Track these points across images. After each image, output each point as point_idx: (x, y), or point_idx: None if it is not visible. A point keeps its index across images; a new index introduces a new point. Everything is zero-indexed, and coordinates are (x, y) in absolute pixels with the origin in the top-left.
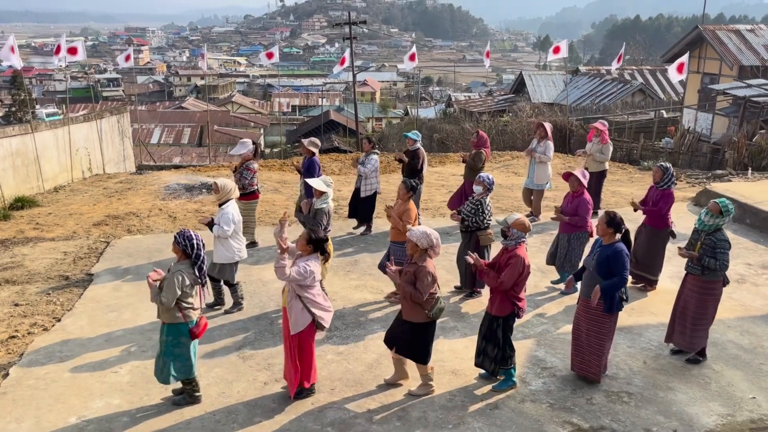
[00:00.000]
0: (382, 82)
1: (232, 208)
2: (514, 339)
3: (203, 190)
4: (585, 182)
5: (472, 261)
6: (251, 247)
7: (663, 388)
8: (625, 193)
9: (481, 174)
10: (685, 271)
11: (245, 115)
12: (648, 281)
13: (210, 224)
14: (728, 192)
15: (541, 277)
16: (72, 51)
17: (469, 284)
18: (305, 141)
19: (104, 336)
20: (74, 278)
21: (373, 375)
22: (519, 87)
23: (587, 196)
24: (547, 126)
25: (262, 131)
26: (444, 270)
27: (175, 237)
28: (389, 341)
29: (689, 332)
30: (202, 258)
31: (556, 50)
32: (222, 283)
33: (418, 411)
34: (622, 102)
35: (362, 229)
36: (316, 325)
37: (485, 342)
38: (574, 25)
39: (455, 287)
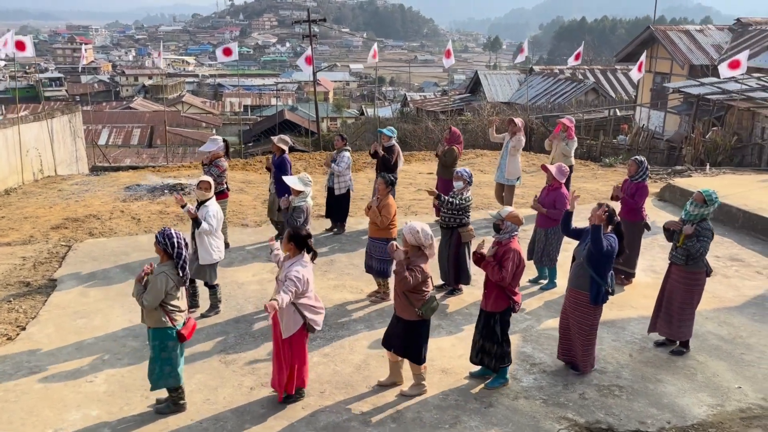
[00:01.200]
0: (335, 81)
1: (216, 206)
2: None
3: (165, 191)
4: (562, 177)
5: (484, 251)
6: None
7: (652, 381)
8: (590, 189)
9: (458, 169)
10: (669, 261)
11: (196, 115)
12: (626, 274)
13: (195, 220)
14: (691, 187)
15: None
16: (20, 46)
17: (452, 281)
18: (275, 138)
19: (74, 344)
20: (36, 284)
21: (363, 376)
22: (474, 86)
23: (564, 190)
24: (518, 121)
25: (214, 131)
26: None
27: (156, 236)
28: (386, 342)
29: (676, 322)
30: (183, 257)
31: (522, 51)
32: (199, 284)
33: (413, 412)
34: (576, 101)
35: (335, 229)
36: (307, 327)
37: (483, 339)
38: (522, 26)
39: (435, 286)
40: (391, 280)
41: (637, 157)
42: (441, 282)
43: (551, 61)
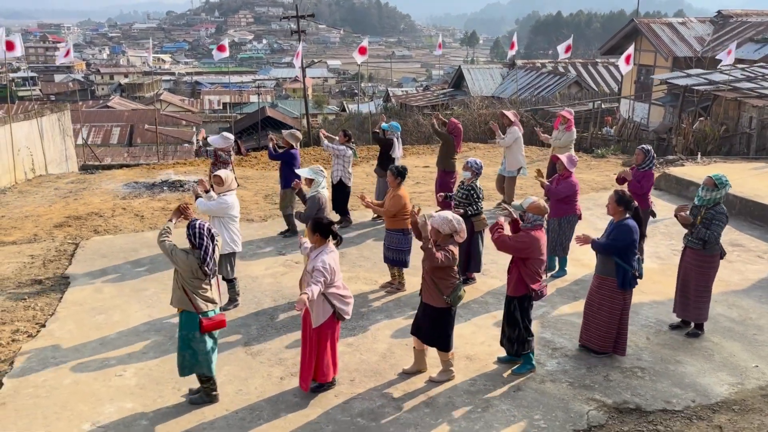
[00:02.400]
0: (314, 78)
1: (233, 199)
2: None
3: (164, 188)
4: (572, 167)
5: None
6: None
7: (672, 362)
8: (586, 179)
9: (468, 159)
10: (684, 245)
11: (175, 113)
12: None
13: (197, 196)
14: (686, 176)
15: None
16: (10, 46)
17: (462, 270)
18: (285, 132)
19: (97, 340)
20: (48, 282)
21: (389, 364)
22: (458, 81)
23: (574, 179)
24: (509, 113)
25: (194, 129)
26: None
27: (186, 230)
28: (414, 329)
29: (693, 304)
30: (205, 248)
31: (512, 46)
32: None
33: (444, 397)
34: (560, 94)
35: (342, 222)
36: (337, 316)
37: (505, 323)
38: (498, 21)
39: None
40: (409, 271)
41: (644, 146)
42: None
43: (528, 55)
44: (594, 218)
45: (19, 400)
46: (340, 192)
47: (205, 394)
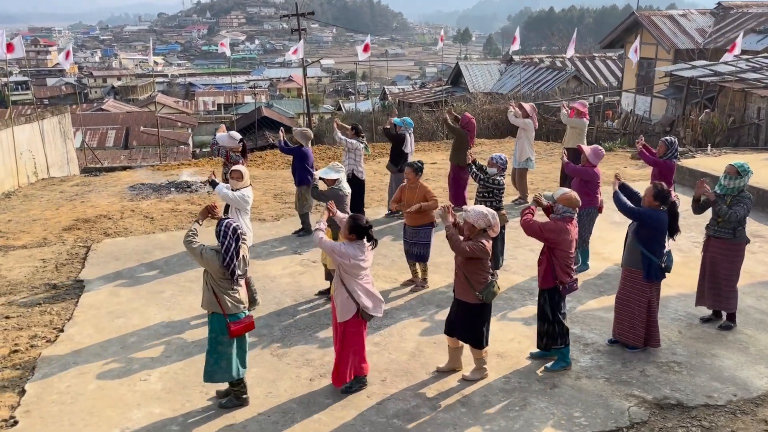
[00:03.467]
0: (308, 78)
1: (250, 193)
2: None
3: (172, 189)
4: (596, 160)
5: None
6: None
7: (707, 356)
8: None
9: (493, 155)
10: (708, 236)
11: (171, 115)
12: None
13: (212, 183)
14: (699, 167)
15: None
16: (10, 48)
17: None
18: (296, 131)
19: (118, 344)
20: (63, 286)
21: (420, 363)
22: (456, 78)
23: (598, 170)
24: (527, 106)
25: (190, 131)
26: (451, 256)
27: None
28: (448, 328)
29: (725, 294)
30: (226, 247)
31: (514, 41)
32: None
33: (479, 396)
34: (559, 89)
35: None
36: (362, 315)
37: (538, 320)
38: (491, 18)
39: None
40: (430, 268)
41: (667, 138)
42: None
43: (521, 51)
44: (608, 211)
45: (43, 407)
46: (354, 186)
47: (235, 397)
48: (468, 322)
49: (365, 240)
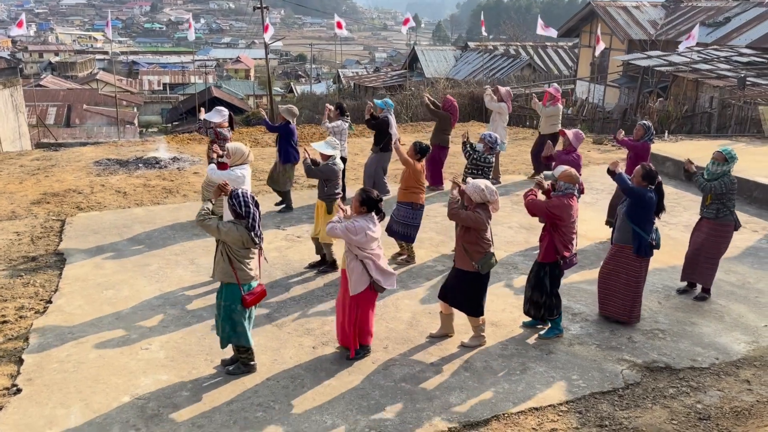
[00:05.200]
0: (256, 59)
1: (245, 172)
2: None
3: (140, 165)
4: (577, 143)
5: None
6: None
7: (687, 324)
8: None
9: (483, 133)
10: (700, 216)
11: (115, 93)
12: None
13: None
14: (660, 152)
15: (531, 232)
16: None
17: None
18: (282, 108)
19: (112, 315)
20: (42, 259)
21: (418, 332)
22: (412, 62)
23: (578, 153)
24: (502, 90)
25: (136, 110)
26: (434, 232)
27: (228, 201)
28: (442, 294)
29: (702, 269)
30: (253, 215)
31: (482, 24)
32: None
33: (480, 361)
34: (514, 76)
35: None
36: (375, 287)
37: (532, 290)
38: (439, 5)
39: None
40: (417, 244)
41: (644, 122)
42: None
43: (470, 39)
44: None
45: (46, 375)
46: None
47: (243, 364)
48: (464, 291)
49: (374, 213)
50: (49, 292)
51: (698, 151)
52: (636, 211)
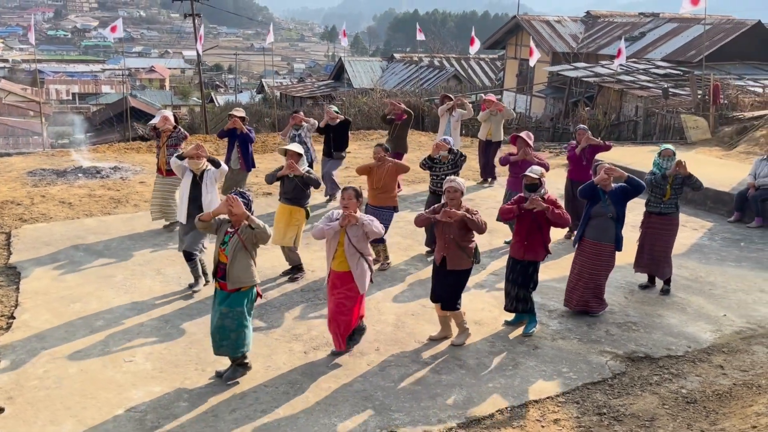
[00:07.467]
0: (171, 69)
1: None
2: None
3: (79, 175)
4: (531, 142)
5: (543, 205)
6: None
7: (655, 316)
8: None
9: (444, 137)
10: (648, 212)
11: (19, 102)
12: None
13: (213, 161)
14: (601, 157)
15: (494, 234)
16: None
17: (430, 242)
18: (237, 112)
19: (84, 327)
20: None
21: (405, 333)
22: (339, 73)
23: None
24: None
25: (44, 120)
26: (400, 236)
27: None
28: (436, 297)
29: (665, 263)
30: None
31: (419, 31)
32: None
33: (473, 359)
34: (440, 87)
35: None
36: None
37: (519, 288)
38: (356, 17)
39: (426, 251)
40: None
41: (581, 125)
42: (427, 248)
43: (387, 51)
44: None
45: (27, 393)
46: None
47: (239, 365)
48: (457, 290)
49: None
50: (9, 308)
51: (630, 156)
52: (620, 209)
